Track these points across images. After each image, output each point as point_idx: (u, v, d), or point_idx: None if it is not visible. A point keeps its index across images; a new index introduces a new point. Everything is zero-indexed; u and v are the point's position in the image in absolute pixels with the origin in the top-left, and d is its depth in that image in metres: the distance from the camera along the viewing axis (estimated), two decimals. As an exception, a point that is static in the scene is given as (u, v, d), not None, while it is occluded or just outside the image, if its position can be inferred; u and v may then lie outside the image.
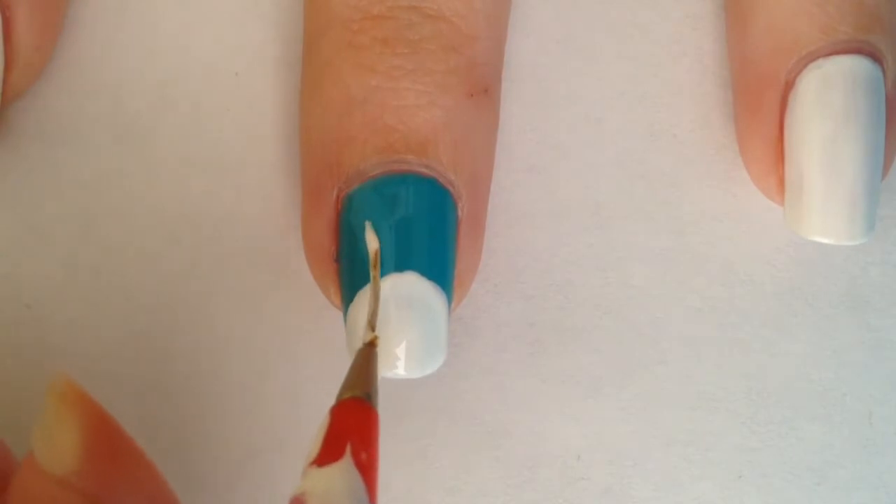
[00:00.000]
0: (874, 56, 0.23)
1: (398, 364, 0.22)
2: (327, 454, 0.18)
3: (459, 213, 0.23)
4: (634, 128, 0.26)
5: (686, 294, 0.25)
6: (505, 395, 0.25)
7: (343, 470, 0.18)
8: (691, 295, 0.25)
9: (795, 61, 0.23)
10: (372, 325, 0.21)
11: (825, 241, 0.23)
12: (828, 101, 0.23)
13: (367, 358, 0.20)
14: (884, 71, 0.23)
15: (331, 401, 0.25)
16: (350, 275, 0.22)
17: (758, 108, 0.24)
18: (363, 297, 0.22)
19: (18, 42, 0.23)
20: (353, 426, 0.19)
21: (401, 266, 0.22)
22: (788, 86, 0.23)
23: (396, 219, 0.22)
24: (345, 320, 0.22)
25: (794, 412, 0.25)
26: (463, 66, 0.23)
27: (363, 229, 0.22)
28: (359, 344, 0.22)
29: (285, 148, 0.25)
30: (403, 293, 0.22)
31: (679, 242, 0.25)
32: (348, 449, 0.18)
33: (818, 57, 0.23)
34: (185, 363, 0.24)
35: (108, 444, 0.19)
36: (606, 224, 0.25)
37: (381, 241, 0.22)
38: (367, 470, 0.18)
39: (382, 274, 0.22)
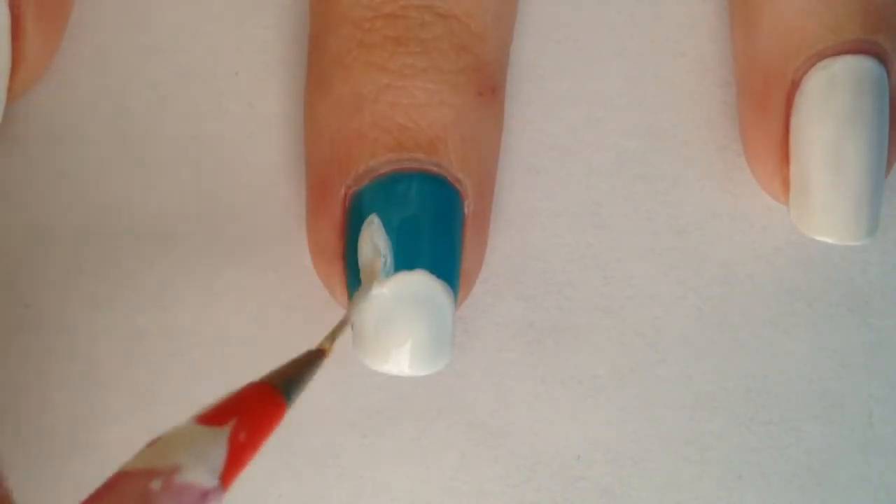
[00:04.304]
0: (881, 56, 0.23)
1: (404, 362, 0.22)
2: (212, 417, 0.18)
3: (466, 211, 0.23)
4: (634, 128, 0.26)
5: (686, 294, 0.25)
6: (505, 395, 0.25)
7: (212, 435, 0.18)
8: (691, 295, 0.25)
9: (803, 61, 0.23)
10: (333, 337, 0.20)
11: (830, 240, 0.23)
12: (835, 101, 0.23)
13: (307, 361, 0.20)
14: (889, 71, 0.23)
15: (332, 402, 0.25)
16: (357, 274, 0.22)
17: (764, 108, 0.24)
18: (371, 299, 0.22)
19: (26, 41, 0.23)
20: (249, 407, 0.18)
21: (408, 264, 0.22)
22: (795, 85, 0.23)
23: (405, 217, 0.22)
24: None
25: (794, 412, 0.25)
26: (473, 66, 0.23)
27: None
28: (364, 344, 0.22)
29: (285, 147, 0.25)
30: (412, 291, 0.22)
31: (679, 242, 0.25)
32: (232, 422, 0.18)
33: (825, 57, 0.23)
34: (185, 363, 0.24)
35: None
36: (606, 224, 0.25)
37: (389, 239, 0.22)
38: (239, 450, 0.18)
39: (390, 273, 0.22)
